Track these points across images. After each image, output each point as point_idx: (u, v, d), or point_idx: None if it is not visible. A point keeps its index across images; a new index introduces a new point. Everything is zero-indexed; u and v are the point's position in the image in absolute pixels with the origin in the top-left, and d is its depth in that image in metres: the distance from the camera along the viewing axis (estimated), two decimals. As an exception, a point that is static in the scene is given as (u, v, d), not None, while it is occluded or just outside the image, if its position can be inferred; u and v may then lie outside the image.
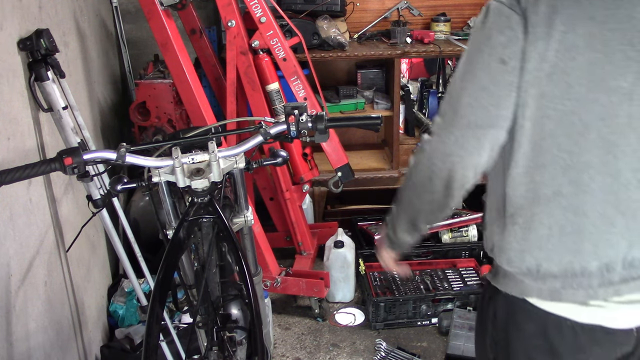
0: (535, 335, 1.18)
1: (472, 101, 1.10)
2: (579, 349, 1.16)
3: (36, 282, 1.82)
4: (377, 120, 1.47)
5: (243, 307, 1.60)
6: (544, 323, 1.16)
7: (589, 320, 1.13)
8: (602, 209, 1.09)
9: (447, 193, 1.17)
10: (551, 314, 1.15)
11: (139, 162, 1.40)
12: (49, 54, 1.86)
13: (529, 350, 1.20)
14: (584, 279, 1.11)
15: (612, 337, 1.14)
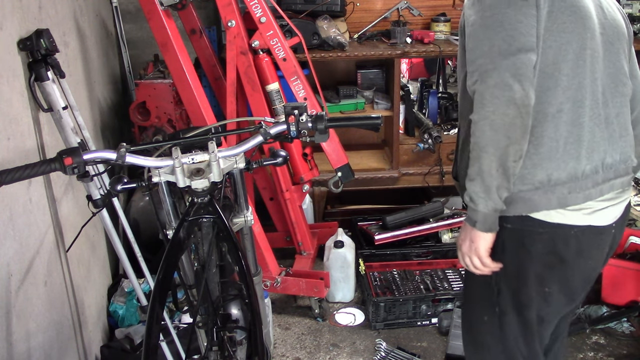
0: (544, 253, 1.38)
1: (514, 33, 1.27)
2: (580, 253, 1.39)
3: (36, 282, 1.82)
4: (377, 120, 1.46)
5: (243, 307, 1.60)
6: (552, 238, 1.36)
7: (586, 222, 1.36)
8: (590, 121, 1.34)
9: (525, 112, 1.26)
10: (558, 226, 1.35)
11: (139, 162, 1.40)
12: (49, 54, 1.86)
13: (539, 268, 1.39)
14: (583, 181, 1.33)
15: (601, 236, 1.40)
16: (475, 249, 1.38)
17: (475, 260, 1.40)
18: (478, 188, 1.31)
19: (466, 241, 1.40)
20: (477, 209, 1.33)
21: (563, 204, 1.34)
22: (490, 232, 1.36)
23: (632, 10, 3.42)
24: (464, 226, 1.41)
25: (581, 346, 2.57)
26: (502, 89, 1.24)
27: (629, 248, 2.85)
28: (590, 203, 1.36)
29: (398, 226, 3.13)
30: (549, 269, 1.40)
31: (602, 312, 2.68)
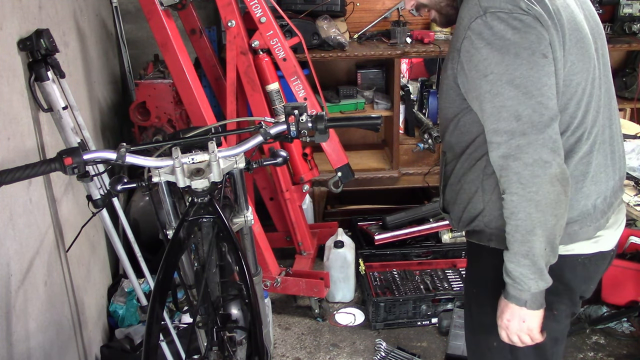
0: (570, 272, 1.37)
1: (542, 99, 1.20)
2: (587, 280, 1.40)
3: (36, 282, 1.82)
4: (377, 120, 1.46)
5: (243, 307, 1.60)
6: (560, 267, 1.32)
7: (595, 250, 1.36)
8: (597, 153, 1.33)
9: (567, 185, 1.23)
10: (566, 257, 1.33)
11: (139, 162, 1.40)
12: (49, 54, 1.86)
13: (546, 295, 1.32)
14: (594, 215, 1.33)
15: (605, 260, 1.41)
16: (529, 328, 1.33)
17: (526, 338, 1.35)
18: (528, 270, 1.26)
19: (514, 320, 1.33)
20: (527, 289, 1.28)
21: (574, 239, 1.34)
22: (541, 308, 1.32)
23: (632, 10, 3.41)
24: (506, 304, 1.33)
25: (581, 346, 2.57)
26: (542, 166, 1.19)
27: (629, 248, 2.85)
28: (601, 232, 1.37)
29: (398, 226, 3.13)
30: (554, 295, 1.37)
31: (602, 312, 2.68)
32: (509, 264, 1.28)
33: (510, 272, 1.28)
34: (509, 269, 1.29)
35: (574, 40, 1.27)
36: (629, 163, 2.33)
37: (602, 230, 1.37)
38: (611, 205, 1.39)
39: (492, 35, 1.20)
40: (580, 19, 1.31)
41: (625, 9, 3.41)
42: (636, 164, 2.31)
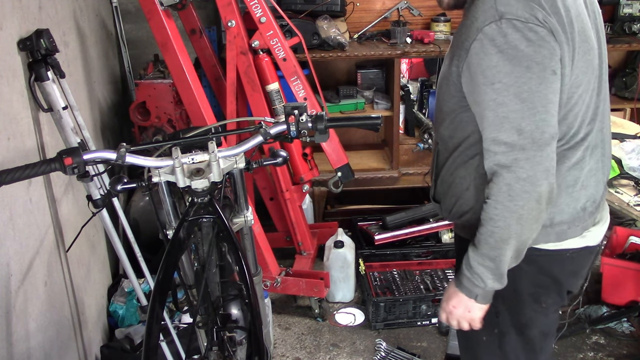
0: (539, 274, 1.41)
1: (546, 116, 1.20)
2: (574, 273, 1.45)
3: (36, 282, 1.82)
4: (377, 120, 1.46)
5: (243, 307, 1.60)
6: (548, 262, 1.39)
7: (581, 245, 1.40)
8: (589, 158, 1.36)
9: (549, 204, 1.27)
10: (555, 252, 1.38)
11: (139, 162, 1.40)
12: (49, 54, 1.86)
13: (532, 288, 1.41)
14: (583, 217, 1.37)
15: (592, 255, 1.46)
16: (472, 317, 1.39)
17: (466, 325, 1.40)
18: (489, 272, 1.30)
19: (460, 308, 1.38)
20: (482, 287, 1.33)
21: (562, 238, 1.38)
22: (489, 303, 1.37)
23: (632, 10, 3.42)
24: (455, 292, 1.37)
25: (581, 346, 2.57)
26: (533, 184, 1.21)
27: (629, 248, 2.85)
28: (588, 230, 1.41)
29: (398, 226, 3.13)
30: (543, 288, 1.43)
31: (602, 312, 2.68)
32: (473, 260, 1.32)
33: (472, 267, 1.32)
34: (472, 264, 1.32)
35: (582, 52, 1.27)
36: (628, 163, 2.33)
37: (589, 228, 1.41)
38: (599, 206, 1.43)
39: (505, 43, 1.18)
40: (589, 27, 1.31)
41: (625, 9, 3.42)
42: (636, 164, 2.31)
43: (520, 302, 1.44)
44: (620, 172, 2.34)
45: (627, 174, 2.33)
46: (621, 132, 2.56)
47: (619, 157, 2.35)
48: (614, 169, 2.35)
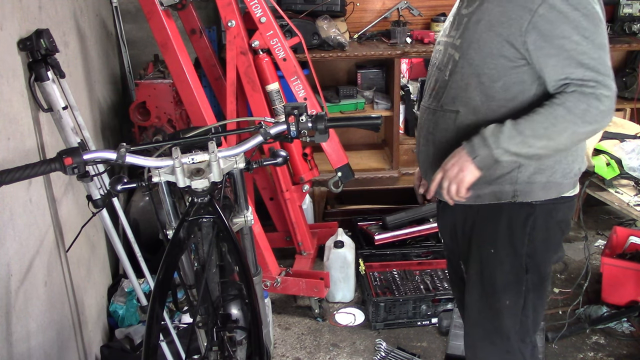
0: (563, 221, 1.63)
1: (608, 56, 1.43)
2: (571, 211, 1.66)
3: (36, 282, 1.82)
4: (377, 120, 1.46)
5: (243, 307, 1.60)
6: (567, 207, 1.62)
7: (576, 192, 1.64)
8: None
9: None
10: (571, 197, 1.62)
11: (139, 162, 1.40)
12: (49, 54, 1.86)
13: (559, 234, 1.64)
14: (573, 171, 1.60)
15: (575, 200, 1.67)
16: (461, 179, 1.49)
17: (454, 188, 1.51)
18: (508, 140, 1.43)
19: (455, 168, 1.50)
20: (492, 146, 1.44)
21: (575, 184, 1.63)
22: (482, 171, 1.49)
23: (632, 10, 3.42)
24: (459, 150, 1.50)
25: (581, 346, 2.57)
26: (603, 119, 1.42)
27: (629, 248, 2.85)
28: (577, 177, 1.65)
29: (398, 226, 3.13)
30: (562, 233, 1.65)
31: (602, 312, 2.68)
32: (502, 127, 1.44)
33: (496, 131, 1.45)
34: (498, 129, 1.45)
35: None
36: (628, 163, 2.33)
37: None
38: None
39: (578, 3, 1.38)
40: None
41: (625, 9, 3.42)
42: (636, 164, 2.31)
43: (548, 252, 1.62)
44: (620, 172, 2.34)
45: (627, 174, 2.33)
46: (621, 132, 2.56)
47: (619, 157, 2.35)
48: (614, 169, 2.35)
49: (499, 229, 1.61)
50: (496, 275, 1.65)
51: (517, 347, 1.69)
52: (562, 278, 3.09)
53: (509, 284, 1.63)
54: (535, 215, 1.59)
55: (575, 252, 3.34)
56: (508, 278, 1.63)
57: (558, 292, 2.95)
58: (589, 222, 3.56)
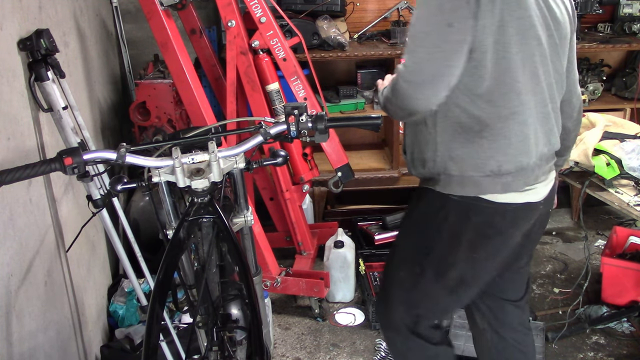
0: (483, 224, 1.56)
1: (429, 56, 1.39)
2: (514, 224, 1.58)
3: (36, 282, 1.82)
4: (377, 121, 1.46)
5: (243, 307, 1.60)
6: (493, 213, 1.54)
7: (522, 200, 1.55)
8: (536, 120, 1.51)
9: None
10: (500, 204, 1.53)
11: (139, 162, 1.40)
12: (49, 54, 1.86)
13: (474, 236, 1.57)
14: (526, 172, 1.52)
15: (532, 210, 1.59)
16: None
17: None
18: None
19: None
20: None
21: (506, 189, 1.52)
22: None
23: (632, 10, 3.42)
24: None
25: (581, 346, 2.57)
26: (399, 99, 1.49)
27: (629, 248, 2.85)
28: (529, 187, 1.56)
29: (398, 226, 3.13)
30: (484, 237, 1.58)
31: (602, 312, 2.68)
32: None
33: None
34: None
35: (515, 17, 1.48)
36: (628, 163, 2.33)
37: (530, 185, 1.55)
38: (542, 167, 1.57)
39: None
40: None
41: (625, 9, 3.42)
42: (636, 164, 2.31)
43: (457, 245, 1.59)
44: (620, 172, 2.34)
45: (627, 174, 2.33)
46: (621, 132, 2.56)
47: (619, 157, 2.35)
48: (614, 169, 2.34)
49: (419, 205, 1.69)
50: (400, 244, 1.76)
51: (399, 323, 1.75)
52: (562, 278, 3.09)
53: (406, 259, 1.70)
54: (448, 209, 1.57)
55: (575, 252, 3.34)
56: (407, 253, 1.71)
57: (558, 292, 2.95)
58: (589, 222, 3.56)
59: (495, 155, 1.49)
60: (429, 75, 1.39)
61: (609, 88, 3.56)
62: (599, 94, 3.43)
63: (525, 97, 1.47)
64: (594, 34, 3.52)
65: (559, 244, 3.45)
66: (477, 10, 1.35)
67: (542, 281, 3.07)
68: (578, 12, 3.21)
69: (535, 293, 2.97)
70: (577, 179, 2.52)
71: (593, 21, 3.60)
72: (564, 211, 3.78)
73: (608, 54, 3.57)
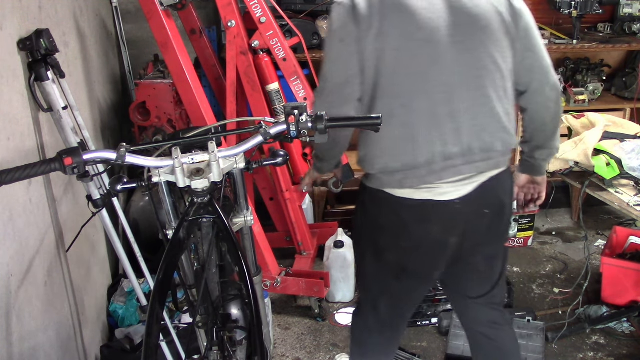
0: (390, 213, 1.66)
1: (332, 71, 1.57)
2: (422, 220, 1.64)
3: (36, 282, 1.82)
4: (377, 121, 1.46)
5: (243, 307, 1.60)
6: (395, 204, 1.63)
7: (422, 197, 1.60)
8: (422, 121, 1.54)
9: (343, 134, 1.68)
10: (398, 197, 1.62)
11: (139, 162, 1.40)
12: (49, 54, 1.86)
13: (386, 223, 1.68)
14: (418, 170, 1.56)
15: (443, 208, 1.61)
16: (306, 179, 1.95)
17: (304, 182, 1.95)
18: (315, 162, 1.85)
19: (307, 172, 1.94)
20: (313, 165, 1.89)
21: (402, 185, 1.60)
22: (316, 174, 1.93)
23: (632, 10, 3.42)
24: None
25: (581, 346, 2.57)
26: None
27: (629, 248, 2.85)
28: (429, 185, 1.58)
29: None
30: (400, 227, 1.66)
31: (602, 312, 2.68)
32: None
33: None
34: None
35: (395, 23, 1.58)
36: (628, 163, 2.32)
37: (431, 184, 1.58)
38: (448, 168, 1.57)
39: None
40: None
41: (625, 9, 3.42)
42: (636, 164, 2.31)
43: (380, 231, 1.70)
44: (620, 172, 2.34)
45: (627, 174, 2.33)
46: (621, 132, 2.55)
47: (619, 157, 2.35)
48: (614, 169, 2.34)
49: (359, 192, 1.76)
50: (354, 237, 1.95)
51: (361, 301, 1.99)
52: (562, 278, 3.09)
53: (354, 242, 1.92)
54: (366, 198, 1.71)
55: (575, 252, 3.34)
56: (354, 237, 1.93)
57: (558, 292, 2.95)
58: (589, 222, 3.57)
59: (382, 155, 1.58)
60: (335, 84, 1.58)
61: (609, 88, 3.56)
62: (599, 94, 3.43)
63: (406, 99, 1.53)
64: (594, 34, 3.52)
65: (559, 244, 3.45)
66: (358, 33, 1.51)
67: (542, 281, 3.07)
68: (578, 12, 3.22)
69: (535, 293, 2.97)
70: (577, 179, 2.52)
71: (593, 21, 3.60)
72: (564, 211, 3.79)
73: (608, 54, 3.57)
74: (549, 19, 3.50)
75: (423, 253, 1.68)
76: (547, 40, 3.27)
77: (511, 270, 3.17)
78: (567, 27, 3.44)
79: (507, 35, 1.58)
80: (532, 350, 2.46)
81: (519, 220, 3.34)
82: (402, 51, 1.51)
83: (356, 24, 1.50)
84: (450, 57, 1.53)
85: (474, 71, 1.55)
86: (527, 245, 3.41)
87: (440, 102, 1.53)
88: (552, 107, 1.71)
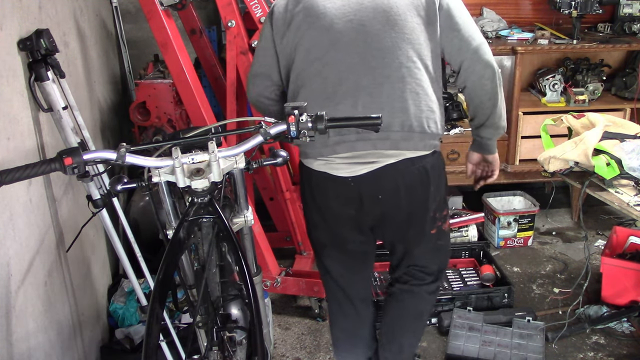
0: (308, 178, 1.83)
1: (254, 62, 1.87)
2: (317, 187, 1.81)
3: (36, 282, 1.82)
4: (377, 121, 1.46)
5: (243, 307, 1.60)
6: (307, 172, 1.81)
7: (319, 168, 1.76)
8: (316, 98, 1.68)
9: None
10: (307, 167, 1.80)
11: (139, 162, 1.40)
12: (49, 54, 1.86)
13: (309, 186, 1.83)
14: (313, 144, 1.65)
15: (335, 182, 1.75)
16: None
17: None
18: None
19: None
20: None
21: (306, 155, 1.78)
22: None
23: (632, 10, 3.42)
24: None
25: (581, 346, 2.57)
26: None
27: (629, 248, 2.85)
28: (324, 158, 1.73)
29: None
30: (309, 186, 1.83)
31: (602, 312, 2.68)
32: None
33: None
34: None
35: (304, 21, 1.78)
36: (628, 163, 2.32)
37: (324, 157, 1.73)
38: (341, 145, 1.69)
39: None
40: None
41: (625, 9, 3.42)
42: (636, 164, 2.30)
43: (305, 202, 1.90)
44: (620, 172, 2.33)
45: (627, 174, 2.33)
46: (621, 132, 2.55)
47: (619, 157, 2.35)
48: (614, 169, 2.34)
49: None
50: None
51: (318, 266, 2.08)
52: (562, 278, 3.09)
53: None
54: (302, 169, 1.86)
55: (575, 252, 3.34)
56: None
57: (558, 292, 2.95)
58: (589, 222, 3.56)
59: None
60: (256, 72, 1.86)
61: (609, 88, 3.55)
62: (599, 94, 3.43)
63: (304, 79, 1.71)
64: (594, 34, 3.52)
65: (559, 244, 3.45)
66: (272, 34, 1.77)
67: (542, 281, 3.07)
68: (578, 12, 3.22)
69: (535, 293, 2.97)
70: (577, 179, 2.52)
71: (593, 21, 3.60)
72: (564, 211, 3.79)
73: (608, 54, 3.57)
74: (549, 19, 3.50)
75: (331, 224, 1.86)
76: (547, 40, 3.27)
77: (511, 270, 3.17)
78: (567, 27, 3.44)
79: (420, 16, 1.69)
80: (532, 350, 2.46)
81: (519, 220, 3.34)
82: (307, 40, 1.70)
83: (272, 26, 1.77)
84: (349, 40, 1.66)
85: (375, 52, 1.66)
86: (527, 245, 3.41)
87: (337, 81, 1.67)
88: (488, 84, 1.76)
